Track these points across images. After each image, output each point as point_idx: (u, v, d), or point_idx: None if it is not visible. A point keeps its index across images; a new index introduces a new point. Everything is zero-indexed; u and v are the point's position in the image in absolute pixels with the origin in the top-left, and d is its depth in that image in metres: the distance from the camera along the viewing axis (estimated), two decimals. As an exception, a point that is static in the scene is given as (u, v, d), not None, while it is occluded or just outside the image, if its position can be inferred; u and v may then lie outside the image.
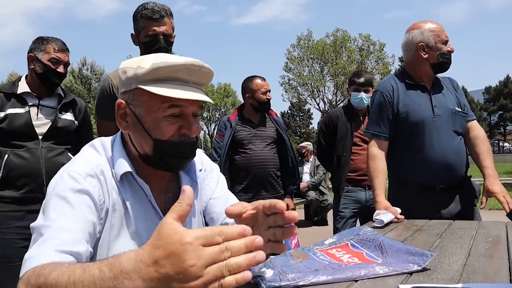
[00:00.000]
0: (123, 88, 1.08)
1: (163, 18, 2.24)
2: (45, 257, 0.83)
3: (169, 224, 0.64)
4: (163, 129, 1.03)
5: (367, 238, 1.36)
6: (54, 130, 2.35)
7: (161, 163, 1.07)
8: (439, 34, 2.23)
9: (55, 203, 0.96)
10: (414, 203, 2.20)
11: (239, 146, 3.16)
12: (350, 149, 3.32)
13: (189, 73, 1.02)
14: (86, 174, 1.01)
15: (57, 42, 2.40)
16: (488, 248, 1.37)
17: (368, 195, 3.28)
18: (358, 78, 3.37)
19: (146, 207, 1.09)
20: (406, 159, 2.28)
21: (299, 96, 36.15)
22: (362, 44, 34.05)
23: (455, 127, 2.23)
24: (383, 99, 2.28)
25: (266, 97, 3.17)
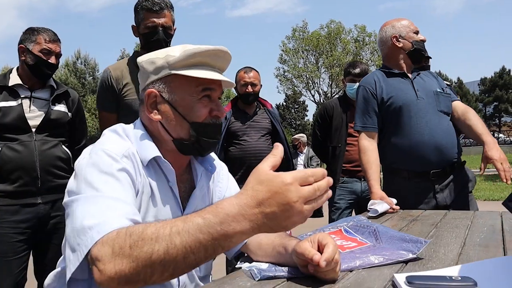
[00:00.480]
0: (152, 78, 1.11)
1: (163, 10, 2.25)
2: (118, 222, 0.84)
3: (267, 171, 0.75)
4: (198, 112, 1.09)
5: (361, 225, 1.36)
6: (47, 122, 2.32)
7: (196, 146, 1.11)
8: (409, 25, 2.37)
9: (101, 177, 0.95)
10: (409, 192, 2.24)
11: (233, 138, 3.15)
12: (345, 140, 3.33)
13: (216, 59, 1.10)
14: (121, 154, 1.02)
15: (48, 32, 2.36)
16: (484, 237, 1.37)
17: (364, 186, 3.30)
18: (354, 69, 3.37)
19: (167, 193, 1.11)
20: (396, 147, 2.28)
21: (294, 88, 36.09)
22: (358, 35, 33.99)
23: (440, 107, 2.28)
24: (366, 92, 2.35)
25: (246, 89, 3.15)
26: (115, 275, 0.78)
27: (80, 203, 0.91)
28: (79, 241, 0.84)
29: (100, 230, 0.83)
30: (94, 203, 0.90)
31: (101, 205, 0.89)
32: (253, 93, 3.18)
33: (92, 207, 0.89)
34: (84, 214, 0.88)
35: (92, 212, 0.87)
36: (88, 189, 0.93)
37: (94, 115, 43.02)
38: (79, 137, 2.58)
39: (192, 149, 1.12)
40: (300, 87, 35.50)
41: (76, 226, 0.87)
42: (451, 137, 2.25)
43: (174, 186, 1.12)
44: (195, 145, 1.11)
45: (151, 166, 1.09)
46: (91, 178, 0.95)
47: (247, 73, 3.19)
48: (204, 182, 1.21)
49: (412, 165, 2.25)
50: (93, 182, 0.94)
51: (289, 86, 35.83)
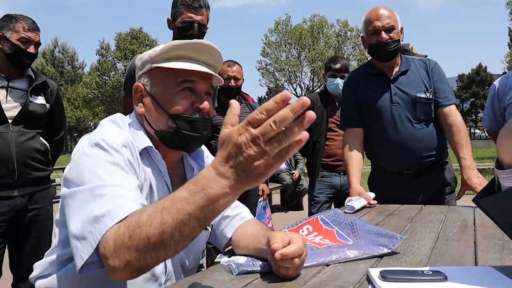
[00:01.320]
0: (139, 73, 1.17)
1: (202, 8, 2.32)
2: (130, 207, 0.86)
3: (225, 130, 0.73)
4: (177, 104, 1.10)
5: (339, 216, 1.38)
6: (25, 114, 2.27)
7: (175, 138, 1.11)
8: (368, 25, 2.21)
9: (104, 166, 0.96)
10: (388, 187, 2.29)
11: (215, 131, 3.13)
12: (325, 134, 3.36)
13: (200, 52, 1.10)
14: (121, 144, 1.03)
15: (27, 20, 2.30)
16: (456, 232, 1.41)
17: (343, 180, 3.32)
18: (334, 64, 3.38)
19: (161, 183, 1.12)
20: (373, 145, 2.35)
21: (276, 81, 36.08)
22: (340, 30, 34.13)
23: (416, 114, 2.21)
24: (348, 89, 2.36)
25: (229, 83, 3.13)
26: (125, 268, 0.80)
27: (87, 193, 0.91)
28: (91, 229, 0.85)
29: (114, 217, 0.85)
30: (102, 192, 0.90)
31: (110, 193, 0.90)
32: (236, 87, 3.18)
33: (102, 196, 0.89)
34: (94, 204, 0.88)
35: (103, 201, 0.88)
36: (92, 179, 0.93)
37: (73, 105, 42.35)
38: (57, 128, 2.54)
39: (173, 141, 1.13)
40: (282, 81, 35.51)
41: (87, 215, 0.87)
42: (423, 143, 2.21)
43: (166, 176, 1.14)
44: (174, 138, 1.11)
45: (144, 156, 1.11)
46: (95, 167, 0.95)
47: (230, 67, 3.19)
48: None
49: (387, 164, 2.32)
50: (97, 171, 0.94)
51: (271, 79, 35.80)
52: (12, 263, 2.39)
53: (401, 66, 2.27)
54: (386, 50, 2.18)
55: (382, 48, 2.18)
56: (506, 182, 0.81)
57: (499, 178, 0.82)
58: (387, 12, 2.18)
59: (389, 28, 2.16)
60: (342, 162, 3.18)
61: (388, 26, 2.15)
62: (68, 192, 0.95)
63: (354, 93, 2.33)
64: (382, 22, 2.15)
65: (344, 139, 2.33)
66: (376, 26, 2.16)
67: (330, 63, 3.43)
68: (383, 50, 2.18)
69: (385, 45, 2.16)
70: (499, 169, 0.81)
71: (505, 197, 0.82)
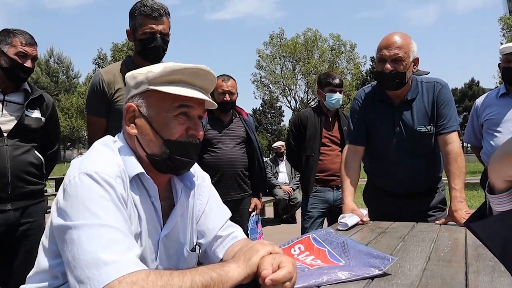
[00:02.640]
0: (132, 92, 1.13)
1: (162, 17, 2.23)
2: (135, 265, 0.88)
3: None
4: (172, 129, 1.09)
5: (331, 236, 1.38)
6: (21, 128, 2.26)
7: (168, 163, 1.11)
8: (377, 51, 2.16)
9: (99, 203, 0.94)
10: (380, 202, 2.35)
11: (208, 145, 3.14)
12: (318, 149, 3.36)
13: (197, 77, 1.11)
14: (115, 175, 1.01)
15: (25, 35, 2.29)
16: (447, 252, 1.42)
17: (336, 195, 3.32)
18: (333, 80, 3.38)
19: (149, 209, 1.11)
20: (371, 163, 2.41)
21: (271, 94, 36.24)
22: (334, 43, 34.43)
23: (415, 146, 2.20)
24: (356, 106, 2.34)
25: (224, 98, 3.14)
26: None
27: (84, 231, 0.90)
28: (89, 274, 0.84)
29: (118, 269, 0.85)
30: (99, 233, 0.89)
31: (108, 237, 0.89)
32: (231, 101, 3.19)
33: (99, 238, 0.88)
34: (91, 246, 0.87)
35: (101, 245, 0.87)
36: (88, 215, 0.92)
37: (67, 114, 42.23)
38: (52, 142, 2.53)
39: (165, 166, 1.12)
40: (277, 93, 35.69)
41: (85, 257, 0.86)
42: (422, 172, 2.24)
43: (157, 201, 1.12)
44: (167, 163, 1.10)
45: (134, 182, 1.08)
46: (88, 202, 0.94)
47: (225, 81, 3.19)
48: (184, 199, 1.21)
49: (380, 183, 2.37)
50: (92, 208, 0.93)
51: (265, 92, 35.97)
52: (3, 276, 2.35)
53: (409, 93, 2.20)
54: (387, 81, 2.13)
55: (384, 78, 2.13)
56: (497, 207, 0.82)
57: (490, 203, 0.83)
58: (399, 42, 2.08)
59: (395, 59, 2.07)
60: (336, 177, 3.28)
61: (395, 57, 2.07)
62: (63, 224, 0.93)
63: (363, 111, 2.31)
64: (389, 52, 2.07)
65: (344, 154, 2.33)
66: (383, 55, 2.10)
67: (328, 79, 3.41)
68: (384, 81, 2.15)
69: (387, 76, 2.10)
70: (491, 193, 0.82)
71: (496, 222, 0.82)
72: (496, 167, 0.81)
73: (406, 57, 2.08)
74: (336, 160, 3.30)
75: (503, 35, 20.43)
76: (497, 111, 2.91)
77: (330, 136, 3.39)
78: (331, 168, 3.33)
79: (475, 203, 8.13)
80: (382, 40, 2.14)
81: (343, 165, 2.29)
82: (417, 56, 2.16)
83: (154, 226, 1.11)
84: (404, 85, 2.14)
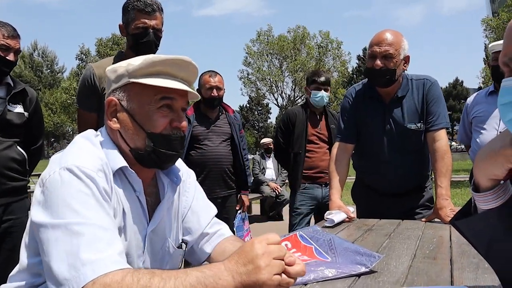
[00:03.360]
0: (113, 86, 1.10)
1: (155, 12, 2.22)
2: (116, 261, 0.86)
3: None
4: (155, 122, 1.07)
5: (317, 233, 1.39)
6: (3, 122, 2.21)
7: (153, 157, 1.08)
8: (368, 48, 2.16)
9: (80, 199, 0.91)
10: (367, 199, 2.36)
11: (195, 142, 3.13)
12: (305, 147, 3.37)
13: (179, 68, 1.08)
14: (97, 169, 0.98)
15: (7, 27, 2.24)
16: (433, 249, 1.44)
17: (325, 192, 3.35)
18: (319, 77, 3.40)
19: (134, 204, 1.09)
20: (360, 161, 2.42)
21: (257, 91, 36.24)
22: (322, 41, 34.54)
23: (406, 143, 2.20)
24: (347, 104, 2.34)
25: (212, 93, 3.14)
26: None
27: (63, 230, 0.87)
28: (67, 275, 0.82)
29: (95, 269, 0.82)
30: (79, 232, 0.87)
31: (89, 235, 0.87)
32: (218, 97, 3.18)
33: (80, 237, 0.86)
34: (70, 246, 0.85)
35: (83, 244, 0.85)
36: (67, 212, 0.89)
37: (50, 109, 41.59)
38: (35, 137, 2.48)
39: (149, 160, 1.09)
40: (264, 90, 35.70)
41: (64, 257, 0.84)
42: (411, 170, 2.25)
43: (142, 195, 1.10)
44: (151, 156, 1.08)
45: (118, 176, 1.06)
46: (68, 198, 0.91)
47: (212, 77, 3.19)
48: (170, 194, 1.19)
49: (368, 181, 2.39)
50: (71, 203, 0.91)
51: (252, 88, 35.96)
52: None
53: (399, 91, 2.20)
54: (377, 77, 2.14)
55: (373, 75, 2.13)
56: (482, 205, 0.83)
57: (475, 201, 0.84)
58: (390, 39, 2.09)
59: (386, 56, 2.08)
60: (324, 174, 3.31)
61: (385, 53, 2.07)
62: (42, 222, 0.91)
63: (353, 109, 2.31)
64: (380, 48, 2.08)
65: (333, 152, 2.33)
66: (374, 51, 2.10)
67: (314, 76, 3.44)
68: (374, 77, 2.15)
69: (377, 72, 2.10)
70: (475, 191, 0.83)
71: (481, 220, 0.83)
72: (481, 166, 0.82)
73: (397, 54, 2.09)
74: (324, 157, 3.34)
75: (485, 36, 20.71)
76: (484, 108, 2.94)
77: (318, 134, 3.41)
78: (319, 166, 3.36)
79: (459, 201, 8.26)
80: (374, 36, 2.14)
81: (332, 162, 2.29)
82: (408, 54, 2.16)
83: (140, 221, 1.09)
84: (394, 82, 2.15)
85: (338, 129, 2.39)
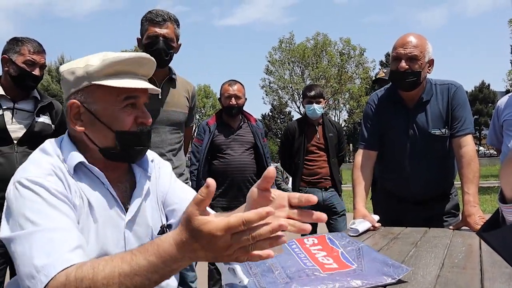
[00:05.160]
0: (73, 89, 1.09)
1: (166, 22, 2.27)
2: (65, 260, 0.86)
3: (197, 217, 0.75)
4: (122, 121, 1.09)
5: (347, 240, 1.36)
6: (31, 135, 2.27)
7: (123, 154, 1.11)
8: (392, 50, 2.14)
9: (33, 207, 0.94)
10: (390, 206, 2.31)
11: (217, 151, 3.15)
12: (303, 156, 3.62)
13: (139, 66, 1.10)
14: (44, 174, 1.00)
15: (33, 43, 2.31)
16: (462, 258, 1.39)
17: (325, 196, 3.57)
18: (310, 92, 3.63)
19: (106, 196, 1.10)
20: (382, 168, 2.36)
21: (279, 99, 36.25)
22: (343, 48, 34.36)
23: (431, 149, 2.16)
24: (369, 110, 2.32)
25: (230, 102, 3.18)
26: None
27: (20, 241, 0.90)
28: (28, 284, 0.85)
29: (48, 273, 0.84)
30: (34, 239, 0.89)
31: (41, 241, 0.89)
32: (237, 106, 3.20)
33: (33, 244, 0.88)
34: (28, 254, 0.88)
35: (35, 251, 0.87)
36: (24, 223, 0.92)
37: (77, 122, 42.46)
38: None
39: (120, 157, 1.12)
40: (286, 98, 35.68)
41: (24, 268, 0.87)
42: (436, 177, 2.20)
43: (109, 186, 1.10)
44: (122, 153, 1.11)
45: (82, 173, 1.08)
46: (24, 211, 0.94)
47: (231, 85, 3.22)
48: (142, 181, 1.20)
49: (392, 189, 2.34)
50: (26, 215, 0.93)
51: (274, 97, 35.98)
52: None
53: (423, 94, 2.16)
54: (402, 80, 2.09)
55: (398, 77, 2.10)
56: (509, 216, 0.79)
57: (502, 212, 0.80)
58: (415, 41, 2.06)
59: (411, 57, 2.05)
60: (324, 180, 3.59)
61: (410, 55, 2.04)
62: (5, 237, 0.94)
63: (376, 115, 2.28)
64: (405, 50, 2.05)
65: (357, 159, 2.29)
66: (399, 53, 2.07)
67: (306, 91, 3.69)
68: (399, 79, 2.11)
69: (401, 75, 2.07)
70: (503, 202, 0.79)
71: (510, 232, 0.79)
72: (504, 174, 0.77)
73: (422, 56, 2.06)
74: (324, 165, 3.62)
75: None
76: None
77: (317, 144, 3.64)
78: (319, 172, 3.60)
79: (488, 208, 8.03)
80: (398, 39, 2.12)
81: (357, 169, 2.26)
82: (432, 58, 2.12)
83: (115, 212, 1.10)
84: (419, 85, 2.11)
85: (361, 136, 2.36)
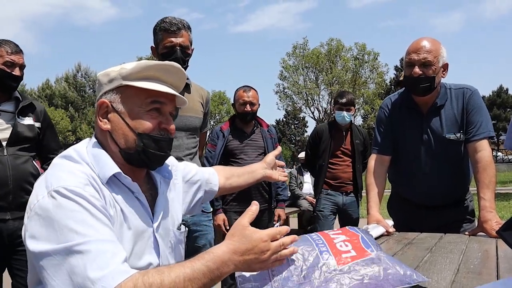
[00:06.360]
0: (105, 88, 1.14)
1: (180, 30, 2.29)
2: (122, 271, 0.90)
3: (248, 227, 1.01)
4: (145, 123, 1.11)
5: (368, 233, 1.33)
6: (16, 135, 2.30)
7: (142, 157, 1.12)
8: (406, 55, 2.10)
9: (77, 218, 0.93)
10: (405, 212, 2.29)
11: (231, 156, 3.17)
12: (328, 159, 3.80)
13: (168, 74, 1.15)
14: (82, 184, 0.99)
15: (10, 44, 2.34)
16: (478, 264, 1.37)
17: (345, 200, 3.81)
18: (341, 99, 3.77)
19: (135, 204, 1.12)
20: (396, 173, 2.33)
21: (294, 105, 36.17)
22: (358, 53, 34.17)
23: (445, 154, 2.13)
24: (383, 115, 2.30)
25: (245, 108, 3.21)
26: None
27: (67, 253, 0.89)
28: None
29: (106, 285, 0.86)
30: (83, 250, 0.89)
31: (93, 252, 0.89)
32: (251, 112, 3.22)
33: (84, 256, 0.88)
34: (77, 267, 0.88)
35: (88, 263, 0.88)
36: (68, 235, 0.90)
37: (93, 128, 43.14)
38: (53, 149, 2.56)
39: (139, 160, 1.13)
40: (300, 104, 35.58)
41: (69, 281, 0.87)
42: (451, 182, 2.16)
43: (141, 195, 1.13)
44: (141, 156, 1.12)
45: (112, 182, 1.08)
46: (66, 221, 0.92)
47: (246, 92, 3.24)
48: (164, 188, 1.24)
49: (407, 195, 2.32)
50: (69, 225, 0.91)
51: (288, 102, 35.91)
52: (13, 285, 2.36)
53: (438, 99, 2.13)
54: (416, 86, 2.07)
55: (412, 83, 2.07)
56: None
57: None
58: (429, 46, 2.03)
59: (424, 63, 2.02)
60: (345, 185, 3.79)
61: (424, 61, 2.01)
62: (42, 251, 0.91)
63: (389, 119, 2.26)
64: (418, 56, 2.02)
65: (370, 164, 2.28)
66: (412, 59, 2.05)
67: (337, 98, 3.84)
68: (413, 85, 2.08)
69: (415, 81, 2.04)
70: None
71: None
72: None
73: (436, 61, 2.03)
74: (347, 170, 3.81)
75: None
76: None
77: (343, 149, 3.81)
78: (341, 177, 3.80)
79: (507, 214, 7.88)
80: (411, 44, 2.09)
81: (370, 175, 2.24)
82: (446, 62, 2.09)
83: (145, 220, 1.13)
84: (433, 90, 2.09)
85: (374, 141, 2.34)
